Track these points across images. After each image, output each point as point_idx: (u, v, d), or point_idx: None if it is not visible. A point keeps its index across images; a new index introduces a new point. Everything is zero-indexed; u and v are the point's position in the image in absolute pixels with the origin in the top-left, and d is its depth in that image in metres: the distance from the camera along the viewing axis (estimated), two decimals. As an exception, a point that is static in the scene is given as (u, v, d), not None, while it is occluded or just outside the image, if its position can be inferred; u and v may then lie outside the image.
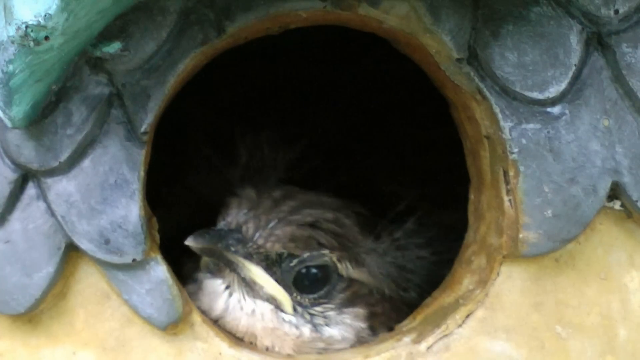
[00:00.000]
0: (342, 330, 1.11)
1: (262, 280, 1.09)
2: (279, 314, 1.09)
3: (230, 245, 1.08)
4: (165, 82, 0.99)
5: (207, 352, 1.02)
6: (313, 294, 1.11)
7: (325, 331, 1.11)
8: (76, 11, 0.86)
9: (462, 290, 1.06)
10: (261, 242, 1.09)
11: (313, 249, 1.11)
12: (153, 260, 1.00)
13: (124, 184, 0.99)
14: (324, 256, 1.11)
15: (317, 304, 1.11)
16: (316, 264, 1.11)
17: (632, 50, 0.99)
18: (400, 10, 1.00)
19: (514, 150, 1.00)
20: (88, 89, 0.98)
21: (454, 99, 1.07)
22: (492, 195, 1.05)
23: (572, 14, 0.99)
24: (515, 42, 1.00)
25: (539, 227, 1.00)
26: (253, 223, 1.09)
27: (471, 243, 1.09)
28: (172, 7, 0.98)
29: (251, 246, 1.09)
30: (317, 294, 1.11)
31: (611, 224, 1.03)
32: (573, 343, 1.02)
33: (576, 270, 1.02)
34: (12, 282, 0.99)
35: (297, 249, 1.10)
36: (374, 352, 1.04)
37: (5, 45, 0.86)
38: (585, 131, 1.00)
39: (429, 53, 1.02)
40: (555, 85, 1.00)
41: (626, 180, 1.00)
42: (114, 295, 1.01)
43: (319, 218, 1.12)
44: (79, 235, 0.99)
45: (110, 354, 1.01)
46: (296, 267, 1.10)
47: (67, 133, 0.98)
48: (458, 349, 1.02)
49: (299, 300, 1.10)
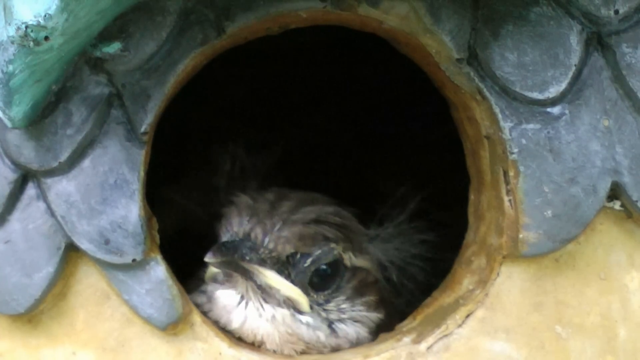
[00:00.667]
0: (357, 326, 1.11)
1: (278, 284, 1.08)
2: (296, 316, 1.09)
3: (245, 254, 1.07)
4: (165, 82, 0.99)
5: (207, 352, 1.02)
6: (327, 290, 1.11)
7: (341, 330, 1.10)
8: (76, 11, 0.86)
9: (462, 290, 1.06)
10: (272, 246, 1.09)
11: (322, 245, 1.10)
12: (153, 261, 1.00)
13: (124, 184, 0.99)
14: (334, 250, 1.11)
15: (331, 299, 1.11)
16: (327, 260, 1.10)
17: (632, 51, 0.99)
18: (400, 10, 1.00)
19: (514, 151, 1.00)
20: (88, 89, 0.98)
21: (454, 99, 1.07)
22: (492, 196, 1.05)
23: (572, 14, 0.99)
24: (515, 43, 1.00)
25: (539, 227, 1.00)
26: (260, 229, 1.09)
27: (471, 243, 1.09)
28: (172, 7, 0.98)
29: (263, 252, 1.08)
30: (330, 289, 1.11)
31: (611, 224, 1.03)
32: (573, 343, 1.02)
33: (576, 271, 1.02)
34: (12, 282, 0.99)
35: (306, 247, 1.10)
36: (374, 352, 1.04)
37: (5, 46, 0.86)
38: (585, 131, 1.00)
39: (429, 53, 1.02)
40: (555, 86, 1.00)
41: (626, 181, 1.00)
42: (113, 295, 1.01)
43: (320, 213, 1.12)
44: (79, 235, 0.99)
45: (110, 354, 1.01)
46: (311, 267, 1.10)
47: (67, 133, 0.98)
48: (458, 349, 1.02)
49: (315, 298, 1.10)
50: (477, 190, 1.09)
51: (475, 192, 1.10)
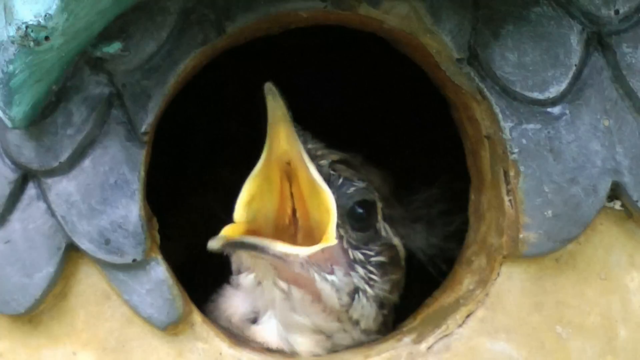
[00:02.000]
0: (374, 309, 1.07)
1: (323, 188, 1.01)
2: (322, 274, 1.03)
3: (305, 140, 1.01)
4: (166, 82, 0.99)
5: (207, 352, 1.02)
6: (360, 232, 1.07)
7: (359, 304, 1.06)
8: (76, 11, 0.86)
9: (462, 290, 1.06)
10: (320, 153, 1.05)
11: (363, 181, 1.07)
12: (153, 261, 1.00)
13: (124, 184, 0.99)
14: (374, 192, 1.08)
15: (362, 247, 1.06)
16: (366, 197, 1.07)
17: (632, 51, 1.00)
18: (400, 10, 1.00)
19: (514, 151, 1.00)
20: (88, 89, 0.98)
21: (454, 99, 1.07)
22: (492, 196, 1.05)
23: (573, 14, 0.99)
24: (515, 43, 1.00)
25: (539, 228, 1.00)
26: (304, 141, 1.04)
27: (471, 243, 1.09)
28: (172, 7, 0.98)
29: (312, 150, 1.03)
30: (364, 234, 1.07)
31: (611, 224, 1.03)
32: (573, 343, 1.02)
33: (576, 271, 1.02)
34: (12, 282, 0.99)
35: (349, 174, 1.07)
36: (374, 352, 1.04)
37: (6, 46, 0.86)
38: (586, 131, 1.00)
39: (429, 53, 1.02)
40: (555, 86, 1.00)
41: (626, 180, 1.00)
42: (114, 295, 1.01)
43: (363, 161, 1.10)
44: (79, 235, 0.99)
45: (110, 354, 1.01)
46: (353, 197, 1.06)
47: (67, 133, 0.98)
48: (458, 349, 1.02)
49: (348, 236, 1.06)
50: (478, 190, 1.09)
51: (476, 192, 1.10)
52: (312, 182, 1.02)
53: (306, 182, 1.02)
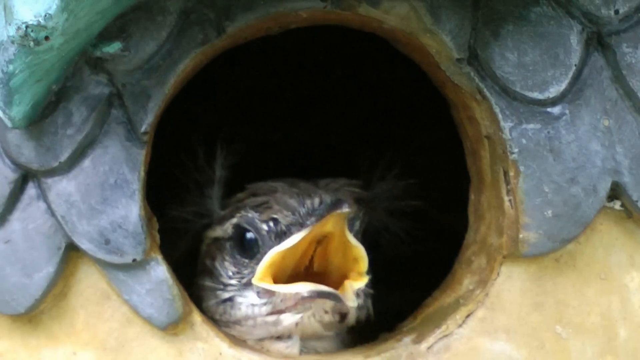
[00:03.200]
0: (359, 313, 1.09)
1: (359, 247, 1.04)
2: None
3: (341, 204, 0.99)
4: (166, 82, 0.99)
5: (207, 352, 1.02)
6: None
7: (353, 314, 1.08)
8: (76, 11, 0.86)
9: (462, 290, 1.06)
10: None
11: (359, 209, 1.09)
12: (153, 261, 1.00)
13: (124, 184, 0.99)
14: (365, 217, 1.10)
15: None
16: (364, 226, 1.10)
17: (632, 51, 1.00)
18: (400, 10, 1.00)
19: (514, 150, 1.00)
20: (88, 89, 0.98)
21: (454, 99, 1.07)
22: (492, 196, 1.05)
23: (572, 14, 0.99)
24: (515, 42, 1.00)
25: (539, 227, 1.00)
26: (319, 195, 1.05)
27: (471, 243, 1.09)
28: (172, 7, 0.98)
29: None
30: None
31: (611, 224, 1.03)
32: (573, 343, 1.02)
33: (576, 271, 1.02)
34: (12, 282, 0.99)
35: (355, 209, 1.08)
36: (374, 352, 1.04)
37: (5, 45, 0.86)
38: (586, 131, 1.00)
39: (429, 53, 1.02)
40: (555, 85, 1.00)
41: (626, 180, 1.00)
42: (114, 295, 1.01)
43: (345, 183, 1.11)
44: (79, 235, 0.99)
45: (110, 354, 1.01)
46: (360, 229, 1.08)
47: (67, 133, 0.98)
48: (458, 349, 1.02)
49: None
50: (477, 190, 1.09)
51: (476, 192, 1.10)
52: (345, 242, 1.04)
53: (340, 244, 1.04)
